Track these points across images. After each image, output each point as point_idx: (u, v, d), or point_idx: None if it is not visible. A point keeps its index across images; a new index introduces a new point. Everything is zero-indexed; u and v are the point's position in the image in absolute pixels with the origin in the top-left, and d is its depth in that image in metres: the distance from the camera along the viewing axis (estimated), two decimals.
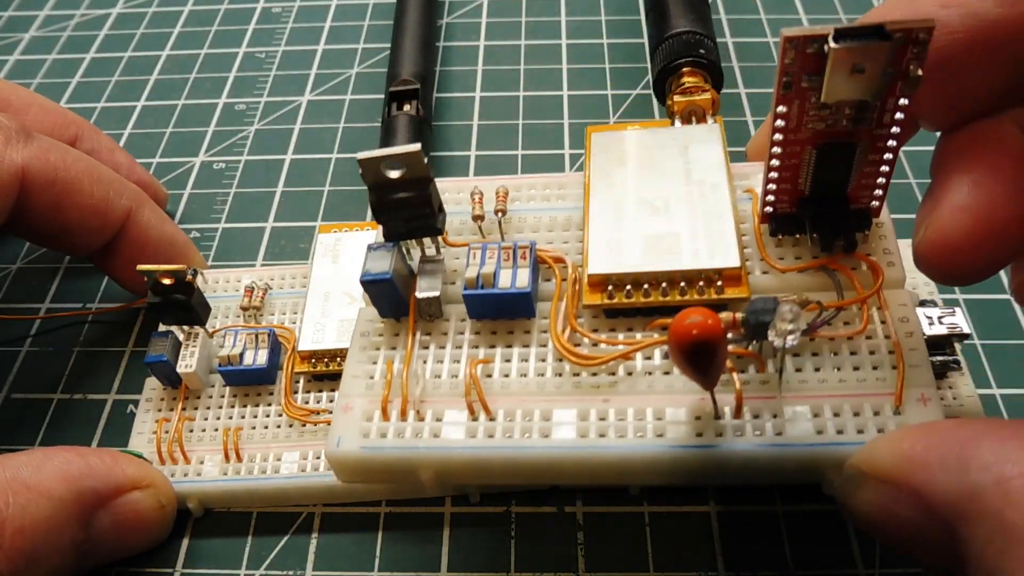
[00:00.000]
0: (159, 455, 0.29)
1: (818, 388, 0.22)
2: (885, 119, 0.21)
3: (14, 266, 0.39)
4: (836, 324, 0.23)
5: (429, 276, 0.25)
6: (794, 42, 0.20)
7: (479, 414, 0.23)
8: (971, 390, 0.29)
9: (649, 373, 0.23)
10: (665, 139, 0.27)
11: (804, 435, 0.21)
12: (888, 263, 0.23)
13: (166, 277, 0.29)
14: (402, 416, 0.23)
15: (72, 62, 0.49)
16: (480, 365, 0.23)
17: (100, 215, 0.32)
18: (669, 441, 0.21)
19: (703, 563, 0.27)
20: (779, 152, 0.22)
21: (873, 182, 0.23)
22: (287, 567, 0.28)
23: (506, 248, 0.24)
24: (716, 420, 0.21)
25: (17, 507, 0.24)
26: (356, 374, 0.24)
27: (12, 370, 0.35)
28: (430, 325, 0.25)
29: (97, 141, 0.37)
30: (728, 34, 0.46)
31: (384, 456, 0.23)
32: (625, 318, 0.24)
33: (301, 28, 0.50)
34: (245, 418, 0.30)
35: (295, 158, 0.42)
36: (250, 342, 0.30)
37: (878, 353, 0.22)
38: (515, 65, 0.46)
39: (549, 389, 0.23)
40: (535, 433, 0.22)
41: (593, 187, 0.26)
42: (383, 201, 0.23)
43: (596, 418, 0.22)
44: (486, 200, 0.26)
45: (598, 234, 0.24)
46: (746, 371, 0.22)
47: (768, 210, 0.24)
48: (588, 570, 0.27)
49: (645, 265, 0.23)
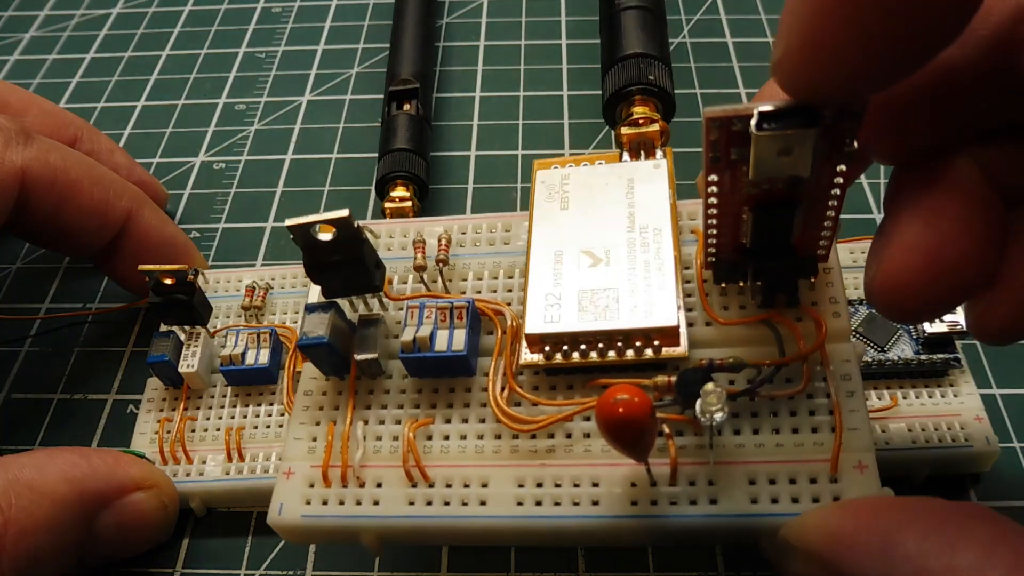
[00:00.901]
0: (161, 455, 0.30)
1: (754, 453, 0.22)
2: (823, 182, 0.20)
3: (14, 266, 0.39)
4: (778, 381, 0.22)
5: (368, 337, 0.25)
6: (716, 122, 0.19)
7: (418, 479, 0.23)
8: (972, 388, 0.29)
9: (587, 435, 0.23)
10: (610, 178, 0.26)
11: (738, 505, 0.21)
12: (834, 313, 0.23)
13: (167, 277, 0.29)
14: (343, 482, 0.23)
15: (72, 62, 0.49)
16: (420, 428, 0.24)
17: (100, 216, 0.32)
18: (603, 510, 0.21)
19: (703, 563, 0.27)
20: (715, 213, 0.21)
21: (818, 233, 0.22)
22: (287, 567, 0.28)
23: (443, 309, 0.24)
24: (652, 487, 0.21)
25: (20, 509, 0.24)
26: (299, 436, 0.24)
27: (12, 370, 0.35)
28: (372, 382, 0.25)
29: (97, 142, 0.37)
30: (728, 34, 0.46)
31: (325, 523, 0.23)
32: (565, 376, 0.24)
33: (301, 28, 0.50)
34: (247, 417, 0.30)
35: (295, 158, 0.42)
36: (252, 342, 0.30)
37: (818, 413, 0.22)
38: (515, 65, 0.46)
39: (487, 454, 0.23)
40: (472, 501, 0.22)
41: (535, 233, 0.25)
42: (318, 262, 0.23)
43: (533, 484, 0.22)
44: (429, 247, 0.26)
45: (537, 288, 0.24)
46: (683, 434, 0.22)
47: (711, 259, 0.23)
48: (588, 570, 0.27)
49: (582, 324, 0.23)
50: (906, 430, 0.28)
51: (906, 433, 0.28)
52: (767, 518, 0.21)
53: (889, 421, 0.28)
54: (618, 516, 0.21)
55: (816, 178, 0.20)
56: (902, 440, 0.28)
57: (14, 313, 0.37)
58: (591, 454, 0.22)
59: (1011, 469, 0.29)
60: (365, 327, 0.25)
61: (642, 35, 0.33)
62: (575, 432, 0.23)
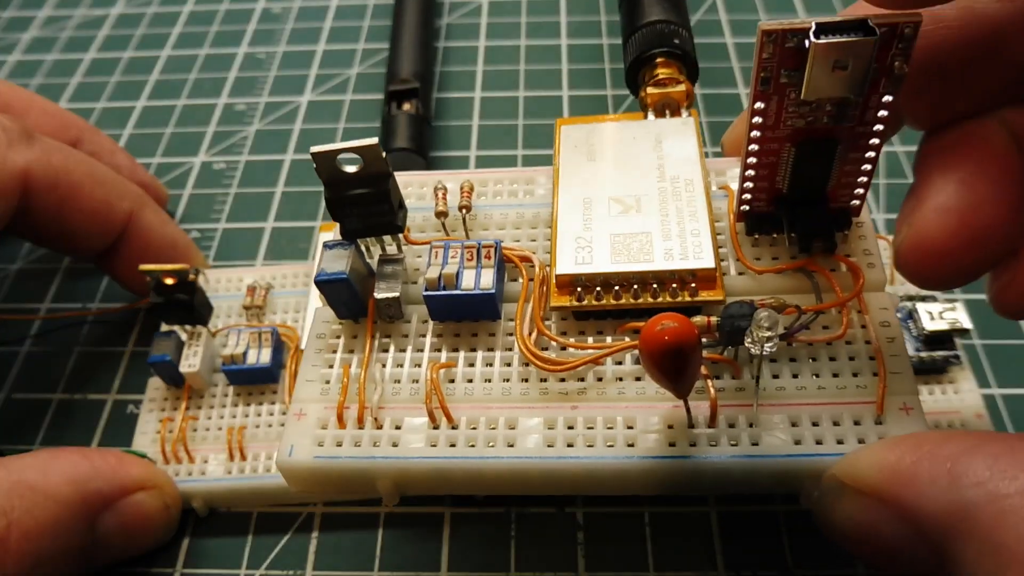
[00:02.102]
0: (163, 455, 0.30)
1: (796, 396, 0.21)
2: (868, 116, 0.20)
3: (14, 266, 0.39)
4: (815, 329, 0.22)
5: (388, 276, 0.23)
6: (772, 36, 0.19)
7: (440, 421, 0.22)
8: (972, 385, 0.29)
9: (620, 379, 0.22)
10: (637, 132, 0.25)
11: (781, 445, 0.20)
12: (868, 264, 0.22)
13: (169, 277, 0.29)
14: (359, 423, 0.22)
15: (72, 62, 0.49)
16: (442, 370, 0.22)
17: (102, 217, 0.32)
18: (640, 451, 0.20)
19: (703, 563, 0.27)
20: (756, 149, 0.21)
21: (854, 180, 0.22)
22: (287, 567, 0.28)
23: (469, 247, 0.23)
24: (690, 429, 0.21)
25: (23, 510, 0.24)
26: (311, 378, 0.23)
27: (12, 370, 0.35)
28: (390, 327, 0.24)
29: (98, 143, 0.37)
30: (728, 34, 0.46)
31: (339, 465, 0.21)
32: (595, 320, 0.23)
33: (301, 28, 0.50)
34: (249, 417, 0.30)
35: (295, 158, 0.42)
36: (253, 341, 0.30)
37: (858, 359, 0.21)
38: (515, 65, 0.46)
39: (514, 396, 0.22)
40: (499, 442, 0.21)
41: (562, 183, 0.24)
42: (339, 197, 0.22)
43: (564, 427, 0.21)
44: (450, 195, 0.25)
45: (567, 232, 0.23)
46: (721, 377, 0.22)
47: (744, 208, 0.23)
48: (588, 570, 0.27)
49: (616, 266, 0.22)
50: None
51: None
52: (812, 458, 0.20)
53: None
54: (655, 457, 0.20)
55: (862, 109, 0.20)
56: None
57: (14, 313, 0.37)
58: (625, 397, 0.21)
59: None
60: (386, 266, 0.24)
61: (664, 3, 0.33)
62: (607, 376, 0.22)
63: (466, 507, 0.29)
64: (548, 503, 0.29)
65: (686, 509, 0.28)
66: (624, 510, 0.29)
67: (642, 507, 0.29)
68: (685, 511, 0.28)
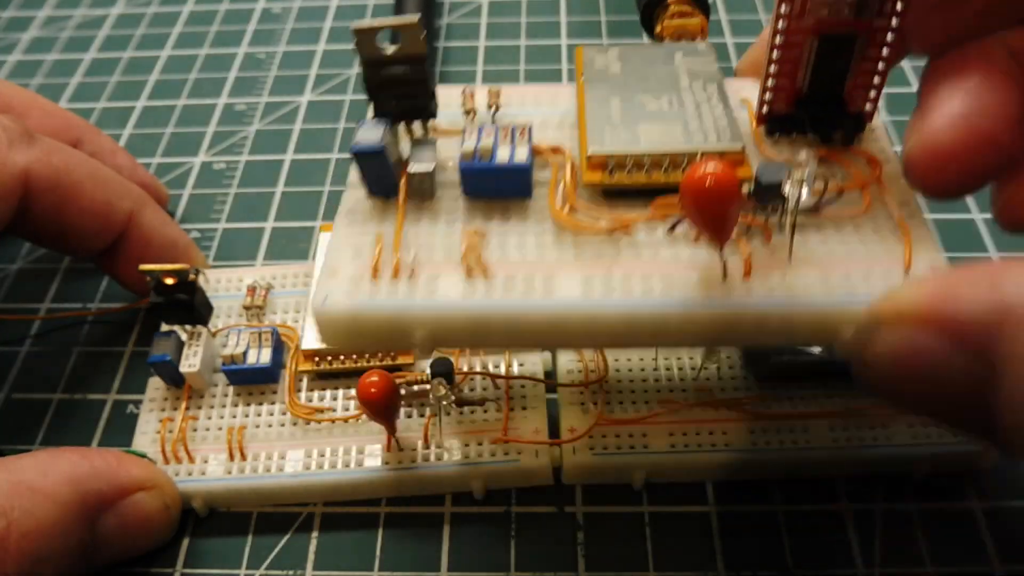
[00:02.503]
0: (163, 455, 0.30)
1: (827, 257, 0.21)
2: (887, 7, 0.21)
3: (14, 266, 0.39)
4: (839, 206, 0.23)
5: (423, 154, 0.23)
6: None
7: (477, 276, 0.21)
8: None
9: (653, 247, 0.22)
10: (657, 53, 0.26)
11: (817, 292, 0.20)
12: (884, 161, 0.24)
13: (169, 277, 0.29)
14: (394, 275, 0.22)
15: (72, 62, 0.49)
16: (477, 235, 0.22)
17: (103, 217, 0.32)
18: (678, 299, 0.21)
19: (703, 563, 0.27)
20: (781, 42, 0.22)
21: (868, 81, 0.23)
22: (287, 567, 0.28)
23: (504, 127, 0.23)
24: (724, 281, 0.21)
25: (23, 511, 0.24)
26: (342, 247, 0.23)
27: (12, 370, 0.35)
28: (421, 206, 0.23)
29: (99, 143, 0.37)
30: (728, 34, 0.46)
31: (376, 313, 0.21)
32: (625, 199, 0.23)
33: (301, 28, 0.50)
34: (249, 417, 0.30)
35: (295, 158, 0.42)
36: (253, 341, 0.30)
37: (883, 231, 0.22)
38: (515, 65, 0.46)
39: (549, 259, 0.22)
40: (538, 291, 0.21)
41: (587, 85, 0.25)
42: (376, 78, 0.22)
43: (600, 283, 0.21)
44: (477, 100, 0.26)
45: (596, 119, 0.24)
46: (753, 241, 0.22)
47: (765, 110, 0.24)
48: (588, 570, 0.27)
49: (647, 146, 0.22)
50: (906, 427, 0.28)
51: (906, 430, 0.28)
52: (848, 302, 0.20)
53: (889, 418, 0.28)
54: (694, 303, 0.21)
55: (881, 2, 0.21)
56: (902, 438, 0.28)
57: (14, 313, 0.37)
58: (659, 258, 0.22)
59: (1011, 469, 0.29)
60: (419, 145, 0.24)
61: None
62: (640, 242, 0.22)
63: (466, 507, 0.29)
64: (548, 503, 0.29)
65: (686, 509, 0.29)
66: (624, 510, 0.29)
67: (642, 507, 0.29)
68: (685, 511, 0.28)
